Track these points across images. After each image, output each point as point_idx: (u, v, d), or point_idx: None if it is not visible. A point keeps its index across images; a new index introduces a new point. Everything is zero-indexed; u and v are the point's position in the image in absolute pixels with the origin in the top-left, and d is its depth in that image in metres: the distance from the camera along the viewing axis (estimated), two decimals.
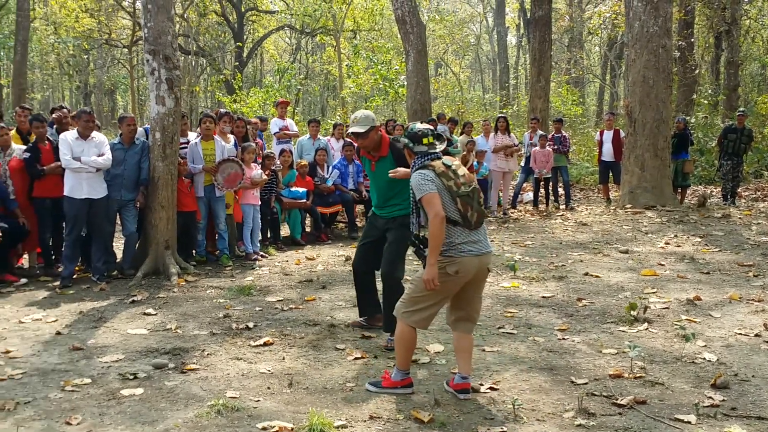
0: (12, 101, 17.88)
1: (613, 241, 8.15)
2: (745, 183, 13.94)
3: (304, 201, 8.48)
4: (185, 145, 7.26)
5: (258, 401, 3.46)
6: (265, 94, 18.16)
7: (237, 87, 20.64)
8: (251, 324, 4.85)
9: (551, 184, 11.29)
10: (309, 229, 9.02)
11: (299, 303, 5.53)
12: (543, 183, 11.23)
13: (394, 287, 4.28)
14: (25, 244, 6.80)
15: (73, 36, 23.31)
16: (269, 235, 8.26)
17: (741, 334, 4.53)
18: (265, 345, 4.39)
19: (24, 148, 6.65)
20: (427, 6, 30.06)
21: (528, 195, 12.37)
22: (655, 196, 10.74)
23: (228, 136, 7.56)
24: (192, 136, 7.53)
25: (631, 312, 4.87)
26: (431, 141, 3.55)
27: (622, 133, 11.39)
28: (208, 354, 4.22)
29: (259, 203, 7.71)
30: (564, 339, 4.49)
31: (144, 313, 5.22)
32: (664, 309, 5.16)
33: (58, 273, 6.52)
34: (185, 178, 7.09)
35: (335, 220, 9.51)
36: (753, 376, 3.77)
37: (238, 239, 7.69)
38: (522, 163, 11.70)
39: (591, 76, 30.58)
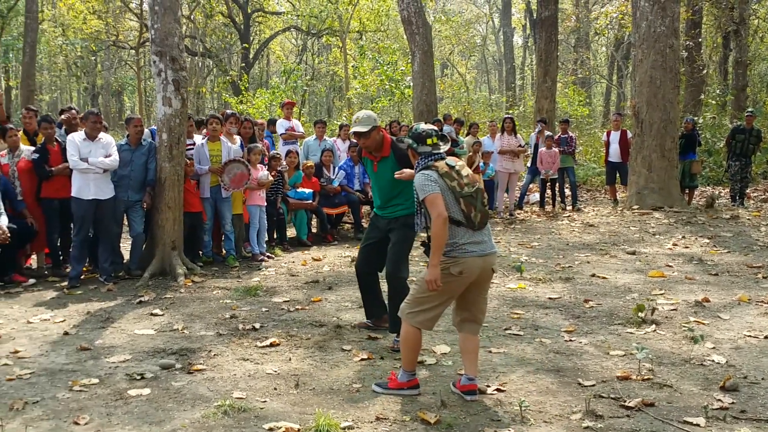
0: (20, 102, 17.99)
1: (621, 243, 8.12)
2: (754, 184, 13.85)
3: (310, 202, 8.49)
4: (191, 147, 7.29)
5: (264, 402, 3.46)
6: (272, 95, 18.20)
7: (243, 88, 20.71)
8: (258, 325, 4.86)
9: (558, 185, 11.26)
10: (315, 230, 9.03)
11: (305, 304, 5.53)
12: (549, 184, 11.21)
13: (399, 288, 4.27)
14: (34, 244, 6.84)
15: (81, 38, 23.47)
16: (275, 236, 8.28)
17: (750, 336, 4.49)
18: (272, 346, 4.39)
19: (32, 149, 6.69)
20: (433, 7, 29.98)
21: (534, 196, 12.35)
22: (663, 197, 10.67)
23: (234, 137, 7.57)
24: (198, 138, 7.55)
25: (639, 313, 4.85)
26: (435, 142, 3.54)
27: (629, 134, 11.34)
28: (214, 354, 4.23)
29: (266, 204, 7.73)
30: (571, 340, 4.47)
31: (151, 314, 5.23)
32: (672, 311, 5.13)
33: (65, 273, 6.56)
34: (192, 179, 7.11)
35: (341, 221, 9.52)
36: (762, 378, 3.74)
37: (244, 240, 7.71)
38: (528, 164, 11.68)
39: (598, 76, 30.48)
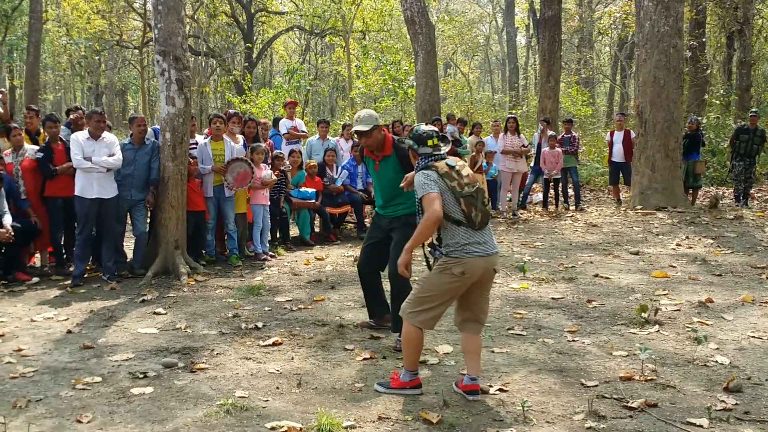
0: (25, 102, 18.06)
1: (624, 243, 8.10)
2: (758, 184, 13.81)
3: (313, 201, 8.49)
4: (194, 146, 7.30)
5: (267, 401, 3.46)
6: (275, 94, 18.20)
7: (246, 88, 20.73)
8: (260, 324, 4.86)
9: (561, 185, 11.24)
10: (318, 230, 9.03)
11: (308, 303, 5.53)
12: (552, 184, 11.19)
13: (401, 287, 4.26)
14: (37, 243, 6.87)
15: (85, 37, 23.52)
16: (278, 236, 8.28)
17: (754, 337, 4.48)
18: (274, 345, 4.39)
19: (36, 148, 6.71)
20: (437, 6, 30.01)
21: (537, 196, 12.33)
22: (666, 197, 10.64)
23: (237, 136, 7.58)
24: (200, 138, 7.56)
25: (642, 314, 4.83)
26: (436, 143, 3.54)
27: (632, 134, 11.32)
28: (217, 353, 4.24)
29: (269, 203, 7.73)
30: (574, 341, 4.46)
31: (154, 313, 5.24)
32: (675, 311, 5.12)
33: (69, 272, 6.58)
34: (195, 178, 7.13)
35: (344, 220, 9.52)
36: (766, 379, 3.72)
37: (247, 239, 7.72)
38: (532, 164, 11.67)
39: (601, 76, 30.42)
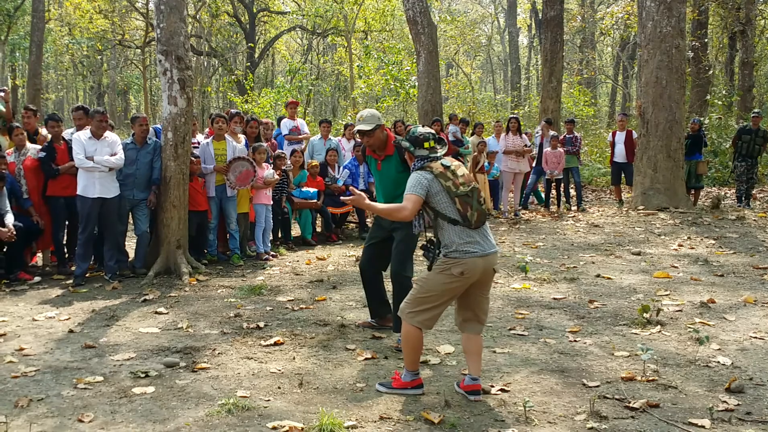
0: (27, 101, 18.07)
1: (626, 243, 8.09)
2: (760, 185, 13.79)
3: (314, 201, 8.50)
4: (196, 146, 7.31)
5: (268, 401, 3.46)
6: (277, 94, 18.22)
7: (248, 87, 20.74)
8: (262, 323, 4.87)
9: (563, 185, 11.24)
10: (320, 230, 9.03)
11: (310, 303, 5.54)
12: (554, 184, 11.18)
13: (403, 286, 4.27)
14: (39, 242, 6.89)
15: (87, 37, 23.57)
16: (280, 235, 8.29)
17: (756, 337, 4.47)
18: (276, 345, 4.40)
19: (38, 147, 6.72)
20: (439, 6, 30.02)
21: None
22: (668, 197, 10.64)
23: (239, 136, 7.58)
24: (200, 137, 7.56)
25: (644, 314, 4.83)
26: (432, 145, 3.55)
27: (634, 134, 11.32)
28: (219, 353, 4.24)
29: (271, 203, 7.74)
30: (575, 341, 4.46)
31: (156, 312, 5.25)
32: (677, 311, 5.11)
33: (71, 271, 6.59)
34: (199, 177, 7.13)
35: (346, 220, 9.52)
36: None
37: (249, 239, 7.72)
38: (534, 164, 11.66)
39: (603, 76, 30.39)
